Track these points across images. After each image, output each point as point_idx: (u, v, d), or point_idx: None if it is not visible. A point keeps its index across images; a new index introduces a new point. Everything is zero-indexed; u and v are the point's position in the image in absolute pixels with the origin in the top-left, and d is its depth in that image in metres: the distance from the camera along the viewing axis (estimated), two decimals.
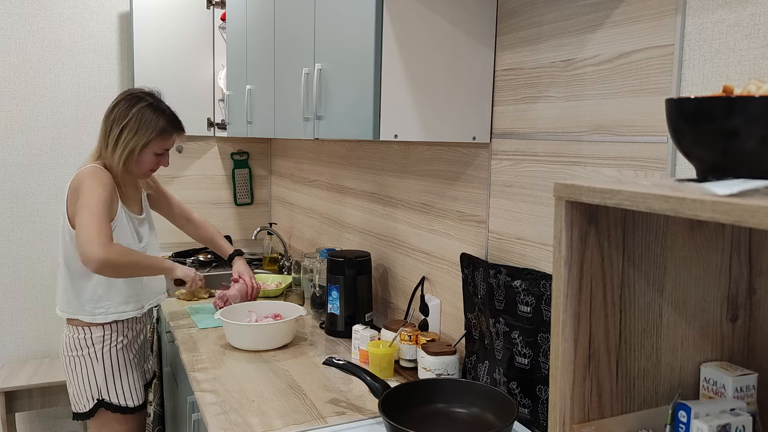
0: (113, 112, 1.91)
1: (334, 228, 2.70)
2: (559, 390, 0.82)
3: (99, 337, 1.95)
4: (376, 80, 1.47)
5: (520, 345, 1.47)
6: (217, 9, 3.15)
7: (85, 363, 1.95)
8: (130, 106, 1.90)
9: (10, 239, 3.11)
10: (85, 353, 1.95)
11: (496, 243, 1.64)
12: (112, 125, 1.90)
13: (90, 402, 1.95)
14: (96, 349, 1.95)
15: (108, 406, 1.95)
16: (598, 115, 1.32)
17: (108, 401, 1.95)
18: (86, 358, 1.95)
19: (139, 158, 1.93)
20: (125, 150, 1.89)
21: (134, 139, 1.89)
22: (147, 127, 1.90)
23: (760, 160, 0.70)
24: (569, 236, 0.79)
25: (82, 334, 1.94)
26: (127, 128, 1.89)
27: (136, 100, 1.92)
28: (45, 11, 3.08)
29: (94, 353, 1.95)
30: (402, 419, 1.40)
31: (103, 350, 1.96)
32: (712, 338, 0.93)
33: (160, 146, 1.95)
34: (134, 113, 1.89)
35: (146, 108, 1.92)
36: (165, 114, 1.95)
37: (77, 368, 1.95)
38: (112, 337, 1.97)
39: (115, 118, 1.90)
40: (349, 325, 2.06)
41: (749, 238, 0.93)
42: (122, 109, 1.91)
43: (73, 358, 1.95)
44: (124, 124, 1.88)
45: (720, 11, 1.07)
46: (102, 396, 1.95)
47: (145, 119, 1.90)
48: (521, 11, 1.53)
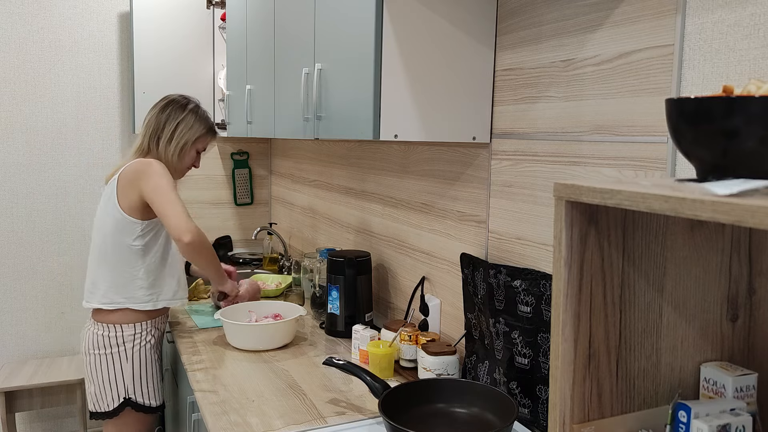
0: (167, 110, 2.08)
1: (334, 228, 2.70)
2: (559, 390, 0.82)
3: (130, 336, 1.96)
4: (376, 80, 1.47)
5: (520, 345, 1.47)
6: (217, 9, 3.15)
7: (113, 361, 1.95)
8: (183, 107, 2.10)
9: (10, 239, 3.11)
10: (114, 351, 1.95)
11: (496, 243, 1.64)
12: (166, 120, 2.06)
13: (115, 401, 1.95)
14: (126, 347, 1.96)
15: (134, 406, 1.97)
16: (598, 115, 1.32)
17: (134, 401, 1.96)
18: (115, 356, 1.95)
19: (188, 152, 2.10)
20: (180, 142, 2.06)
21: (189, 133, 2.07)
22: (200, 123, 2.10)
23: (760, 160, 0.70)
24: (569, 236, 0.79)
25: (113, 332, 1.95)
26: (183, 123, 2.07)
27: (187, 102, 2.12)
28: (45, 11, 3.08)
29: (124, 351, 1.96)
30: (402, 419, 1.40)
31: (134, 349, 1.97)
32: (712, 338, 0.93)
33: (204, 144, 2.14)
34: (189, 111, 2.10)
35: (196, 109, 2.13)
36: (209, 118, 2.17)
37: (103, 366, 1.95)
38: (142, 336, 1.98)
39: (170, 115, 2.07)
40: (349, 325, 2.06)
41: (749, 238, 0.93)
42: (176, 108, 2.09)
43: (100, 356, 1.95)
44: (181, 119, 2.07)
45: (720, 11, 1.07)
46: (129, 395, 1.96)
47: (198, 117, 2.11)
48: (521, 11, 1.53)
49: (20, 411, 2.89)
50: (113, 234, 1.95)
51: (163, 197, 1.88)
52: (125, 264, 1.96)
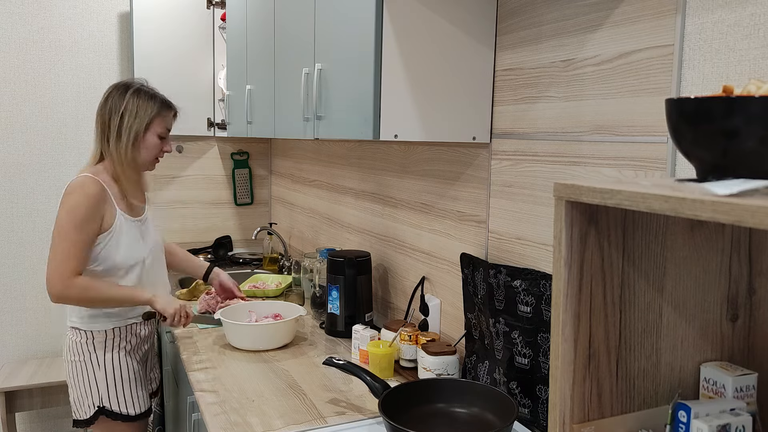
0: (107, 104, 1.89)
1: (334, 228, 2.70)
2: (559, 390, 0.82)
3: (101, 342, 1.90)
4: (376, 80, 1.47)
5: (520, 345, 1.47)
6: (217, 9, 3.15)
7: (86, 368, 1.89)
8: (122, 94, 1.89)
9: (10, 239, 3.11)
10: (86, 358, 1.90)
11: (496, 243, 1.64)
12: (110, 116, 1.88)
13: (90, 409, 1.89)
14: (98, 354, 1.90)
15: (109, 414, 1.89)
16: (598, 115, 1.32)
17: (109, 409, 1.89)
18: (87, 363, 1.90)
19: (144, 142, 1.90)
20: (130, 135, 1.87)
21: (136, 122, 1.87)
22: (145, 108, 1.89)
23: (760, 160, 0.70)
24: (569, 236, 0.79)
25: (84, 338, 1.90)
26: (126, 113, 1.87)
27: (126, 88, 1.91)
28: (45, 11, 3.08)
29: (95, 359, 1.89)
30: (402, 419, 1.40)
31: (106, 356, 1.90)
32: (712, 338, 0.93)
33: (162, 126, 1.93)
34: (129, 98, 1.88)
35: (138, 92, 1.91)
36: (157, 95, 1.95)
37: (78, 374, 1.90)
38: (114, 342, 1.91)
39: (112, 108, 1.88)
40: (349, 325, 2.06)
41: (749, 238, 0.93)
42: (115, 98, 1.89)
43: (75, 363, 1.90)
44: (123, 110, 1.86)
45: (720, 11, 1.07)
46: (102, 403, 1.89)
47: (141, 101, 1.89)
48: (521, 11, 1.53)
49: (20, 411, 2.89)
50: None
51: (52, 242, 1.78)
52: None
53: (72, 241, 1.77)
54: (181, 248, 2.28)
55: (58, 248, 1.76)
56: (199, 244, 3.44)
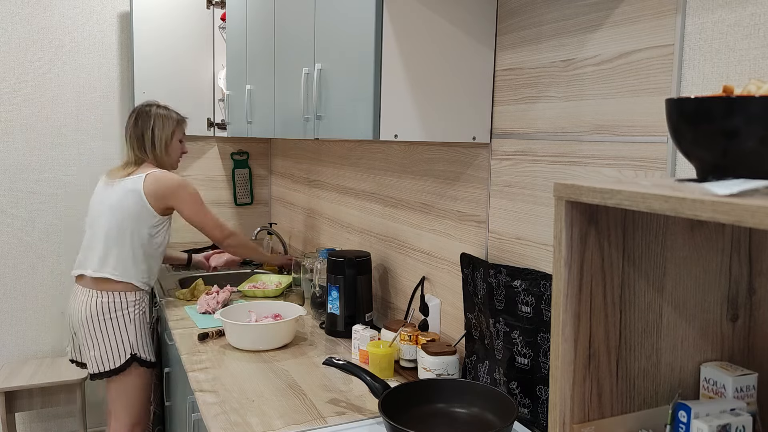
0: (138, 123, 2.39)
1: (334, 228, 2.70)
2: (559, 390, 0.82)
3: (133, 302, 2.32)
4: (376, 80, 1.47)
5: (520, 345, 1.47)
6: (217, 9, 3.15)
7: (119, 324, 2.28)
8: (148, 114, 2.40)
9: (10, 239, 3.11)
10: (119, 314, 2.28)
11: (496, 243, 1.64)
12: (143, 132, 2.39)
13: (122, 357, 2.27)
14: (130, 311, 2.31)
15: (139, 361, 2.31)
16: (598, 115, 1.32)
17: (139, 356, 2.31)
18: (120, 319, 2.29)
19: (172, 146, 2.43)
20: (162, 142, 2.40)
21: (164, 131, 2.40)
22: (167, 120, 2.42)
23: (760, 160, 0.70)
24: (569, 236, 0.79)
25: (119, 299, 2.29)
26: (156, 127, 2.39)
27: (149, 107, 2.42)
28: (45, 11, 3.08)
29: (128, 314, 2.30)
30: (402, 419, 1.40)
31: (134, 313, 2.32)
32: (712, 338, 0.93)
33: (181, 132, 2.47)
34: (153, 116, 2.40)
35: (159, 109, 2.43)
36: (173, 110, 2.47)
37: (110, 329, 2.27)
38: (139, 304, 2.34)
39: (143, 126, 2.39)
40: (349, 325, 2.06)
41: (749, 238, 0.93)
42: (144, 118, 2.40)
43: (107, 320, 2.27)
44: (152, 125, 2.39)
45: (720, 11, 1.07)
46: (134, 351, 2.30)
47: (162, 115, 2.42)
48: (521, 11, 1.53)
49: (20, 411, 2.89)
50: (132, 219, 2.27)
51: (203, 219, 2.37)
52: (136, 245, 2.30)
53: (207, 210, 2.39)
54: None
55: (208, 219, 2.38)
56: (199, 244, 3.44)
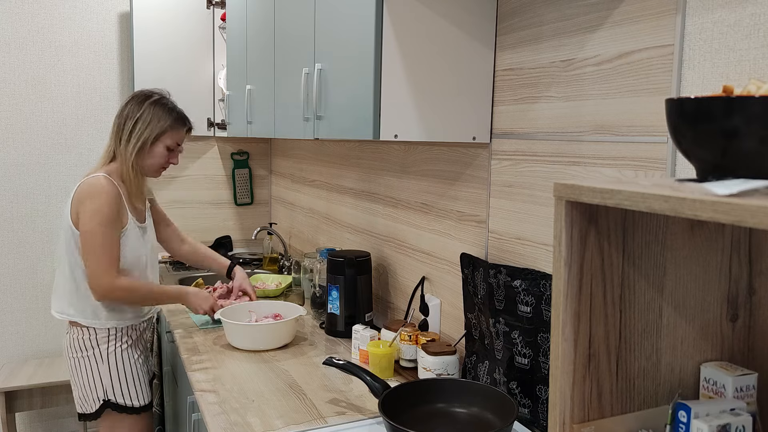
0: (126, 108, 1.97)
1: (334, 228, 2.70)
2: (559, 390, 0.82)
3: (104, 338, 1.95)
4: (376, 80, 1.47)
5: (520, 345, 1.47)
6: (217, 9, 3.15)
7: (89, 363, 1.94)
8: (141, 102, 1.97)
9: (10, 239, 3.11)
10: (89, 354, 1.94)
11: (496, 243, 1.64)
12: (125, 120, 1.95)
13: (96, 403, 1.94)
14: (101, 349, 1.94)
15: (114, 407, 1.95)
16: (598, 115, 1.32)
17: (114, 402, 1.95)
18: (91, 358, 1.94)
19: (151, 151, 1.96)
20: (138, 141, 1.93)
21: (147, 130, 1.94)
22: (159, 119, 1.96)
23: (760, 160, 0.70)
24: (569, 236, 0.79)
25: (86, 335, 1.94)
26: (141, 120, 1.94)
27: (146, 97, 1.98)
28: (45, 11, 3.08)
29: (99, 354, 1.94)
30: (402, 419, 1.40)
31: (108, 350, 1.95)
32: (712, 338, 0.93)
33: (173, 139, 1.99)
34: (146, 107, 1.96)
35: (157, 103, 1.98)
36: (175, 110, 2.02)
37: (82, 369, 1.95)
38: (117, 337, 1.96)
39: (128, 114, 1.95)
40: (349, 325, 2.06)
41: (749, 238, 0.93)
42: (134, 105, 1.96)
43: (78, 359, 1.94)
44: (138, 116, 1.94)
45: (720, 11, 1.07)
46: (108, 396, 1.94)
47: (157, 112, 1.96)
48: (521, 11, 1.53)
49: (20, 411, 2.89)
50: (66, 246, 1.92)
51: (88, 245, 1.83)
52: (75, 277, 1.92)
53: (109, 239, 1.85)
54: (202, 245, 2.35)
55: (95, 249, 1.83)
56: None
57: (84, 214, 1.84)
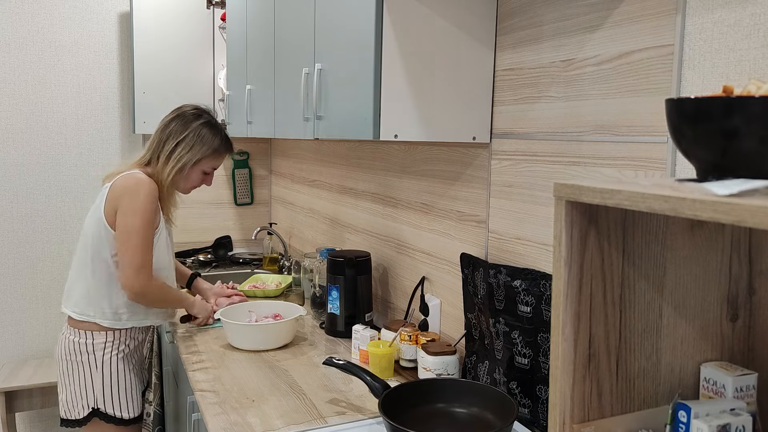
0: (170, 126, 1.94)
1: (335, 228, 2.70)
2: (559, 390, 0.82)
3: (100, 344, 1.89)
4: (376, 80, 1.47)
5: (520, 345, 1.47)
6: (217, 9, 3.15)
7: (82, 369, 1.89)
8: (187, 122, 1.94)
9: (10, 239, 3.11)
10: (83, 359, 1.89)
11: (496, 243, 1.64)
12: (167, 138, 1.93)
13: (84, 410, 1.89)
14: (96, 356, 1.89)
15: (102, 416, 1.89)
16: (598, 115, 1.32)
17: (103, 411, 1.89)
18: (84, 364, 1.89)
19: (188, 174, 1.96)
20: (177, 164, 1.92)
21: (188, 155, 1.92)
22: (203, 144, 1.94)
23: (760, 160, 0.70)
24: (569, 236, 0.79)
25: (83, 338, 1.89)
26: (183, 143, 1.92)
27: (194, 117, 1.96)
28: (45, 11, 3.08)
29: (93, 360, 1.89)
30: (402, 419, 1.40)
31: (104, 358, 1.89)
32: (712, 338, 0.93)
33: (211, 165, 1.99)
34: (192, 129, 1.93)
35: (204, 126, 1.96)
36: (221, 134, 1.99)
37: (74, 373, 1.89)
38: (114, 345, 1.91)
39: (172, 132, 1.93)
40: (349, 325, 2.06)
41: (749, 238, 0.93)
42: (179, 124, 1.94)
43: (71, 362, 1.89)
44: (181, 139, 1.92)
45: (720, 11, 1.07)
46: (97, 405, 1.88)
47: (202, 136, 1.94)
48: (521, 11, 1.53)
49: (20, 411, 2.89)
50: (94, 244, 1.87)
51: (127, 240, 1.80)
52: (101, 277, 1.88)
53: (146, 239, 1.83)
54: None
55: (136, 249, 1.81)
56: (199, 244, 3.44)
57: (123, 211, 1.81)
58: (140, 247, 1.81)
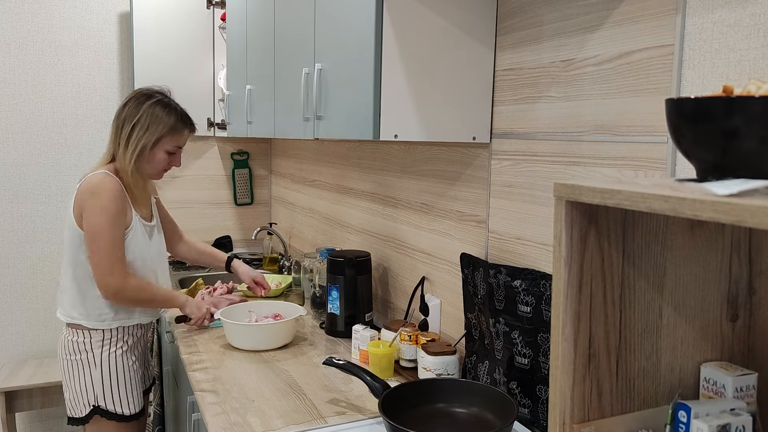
0: (124, 110, 1.89)
1: (335, 228, 2.70)
2: (559, 390, 0.82)
3: (98, 342, 1.90)
4: (376, 80, 1.47)
5: (520, 345, 1.47)
6: (217, 9, 3.15)
7: (82, 367, 1.90)
8: (140, 104, 1.89)
9: (10, 239, 3.11)
10: (83, 357, 1.90)
11: (496, 243, 1.64)
12: (123, 123, 1.88)
13: (86, 408, 1.90)
14: (95, 353, 1.90)
15: (103, 413, 1.90)
16: (598, 115, 1.32)
17: (104, 408, 1.90)
18: (84, 362, 1.90)
19: (151, 156, 1.90)
20: (137, 147, 1.86)
21: (146, 136, 1.87)
22: (158, 123, 1.88)
23: (760, 160, 0.70)
24: (569, 236, 0.79)
25: (81, 338, 1.90)
26: (138, 125, 1.86)
27: (146, 98, 1.91)
28: (45, 11, 3.08)
29: (92, 357, 1.90)
30: (402, 419, 1.40)
31: (102, 355, 1.90)
32: (712, 338, 0.93)
33: (172, 143, 1.93)
34: (144, 109, 1.88)
35: (156, 104, 1.90)
36: (176, 111, 1.94)
37: (74, 372, 1.91)
38: (112, 342, 1.92)
39: (126, 116, 1.88)
40: (349, 325, 2.06)
41: (749, 238, 0.93)
42: (132, 107, 1.89)
43: (71, 361, 1.91)
44: (135, 121, 1.86)
45: (720, 11, 1.07)
46: (98, 402, 1.89)
47: (156, 115, 1.88)
48: (521, 11, 1.53)
49: (20, 411, 2.90)
50: (70, 247, 1.87)
51: (93, 242, 1.79)
52: (81, 279, 1.87)
53: (113, 238, 1.80)
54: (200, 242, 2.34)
55: (103, 249, 1.79)
56: None
57: (87, 212, 1.80)
58: (108, 247, 1.79)
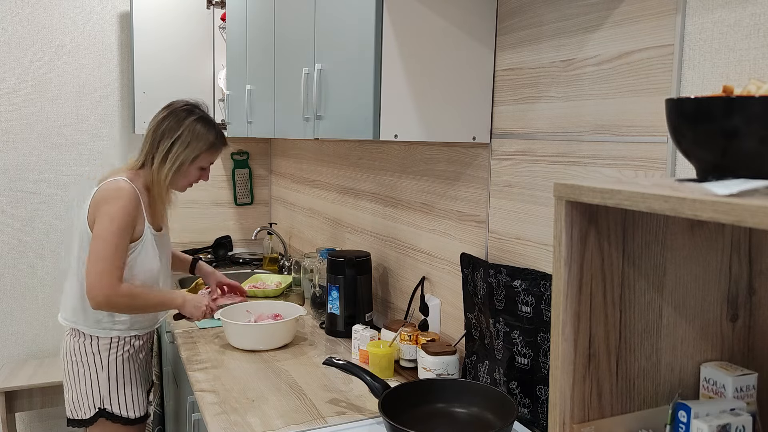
0: (163, 124, 1.89)
1: (334, 228, 2.70)
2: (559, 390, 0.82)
3: (105, 345, 1.88)
4: (376, 80, 1.47)
5: (520, 345, 1.47)
6: (217, 9, 3.15)
7: (88, 369, 1.88)
8: (180, 119, 1.89)
9: (10, 239, 3.11)
10: (89, 359, 1.88)
11: (496, 243, 1.64)
12: (161, 138, 1.88)
13: (91, 410, 1.88)
14: (102, 356, 1.88)
15: (109, 416, 1.89)
16: (598, 115, 1.32)
17: (110, 411, 1.89)
18: (90, 364, 1.88)
19: (186, 171, 1.91)
20: (175, 163, 1.87)
21: (185, 153, 1.87)
22: (199, 140, 1.89)
23: (760, 160, 0.70)
24: (569, 236, 0.79)
25: (87, 340, 1.88)
26: (179, 141, 1.87)
27: (186, 113, 1.91)
28: (45, 11, 3.08)
29: (99, 360, 1.88)
30: (402, 419, 1.40)
31: (109, 358, 1.89)
32: (712, 338, 0.93)
33: (208, 160, 1.94)
34: (186, 126, 1.88)
35: (198, 121, 1.91)
36: (215, 128, 1.95)
37: (79, 374, 1.89)
38: (119, 346, 1.90)
39: (166, 130, 1.88)
40: (349, 325, 2.06)
41: (749, 238, 0.93)
42: (173, 122, 1.89)
43: (76, 363, 1.88)
44: (177, 137, 1.87)
45: (720, 11, 1.07)
46: (104, 405, 1.88)
47: (197, 132, 1.89)
48: (521, 11, 1.53)
49: (20, 411, 2.89)
50: (78, 249, 1.86)
51: (95, 246, 1.75)
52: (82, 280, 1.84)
53: (116, 246, 1.76)
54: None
55: (103, 255, 1.75)
56: (199, 244, 3.44)
57: (98, 218, 1.78)
58: (108, 252, 1.75)
